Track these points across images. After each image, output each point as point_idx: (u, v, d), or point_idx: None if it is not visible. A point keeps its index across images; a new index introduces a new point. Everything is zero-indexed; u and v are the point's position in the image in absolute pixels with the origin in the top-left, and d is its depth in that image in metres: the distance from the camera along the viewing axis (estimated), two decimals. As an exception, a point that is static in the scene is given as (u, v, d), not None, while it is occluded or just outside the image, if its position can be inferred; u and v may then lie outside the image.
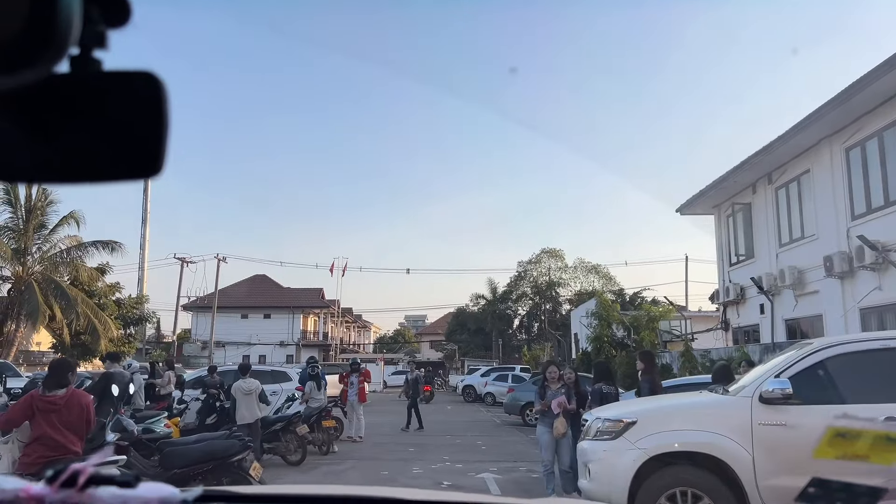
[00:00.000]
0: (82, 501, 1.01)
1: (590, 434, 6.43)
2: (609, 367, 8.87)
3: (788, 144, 16.00)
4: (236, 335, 51.16)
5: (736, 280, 19.90)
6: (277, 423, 10.61)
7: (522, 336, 58.26)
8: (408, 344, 76.95)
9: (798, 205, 16.69)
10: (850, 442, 1.79)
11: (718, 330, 21.27)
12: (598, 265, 55.96)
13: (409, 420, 16.89)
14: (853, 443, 1.79)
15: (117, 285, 35.25)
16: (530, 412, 17.86)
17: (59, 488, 1.01)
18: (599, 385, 8.22)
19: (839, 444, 1.80)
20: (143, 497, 1.05)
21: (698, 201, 21.37)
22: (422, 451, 12.99)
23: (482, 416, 22.54)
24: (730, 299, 19.95)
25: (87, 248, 29.22)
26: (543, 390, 8.34)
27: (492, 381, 29.30)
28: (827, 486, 1.53)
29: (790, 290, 16.26)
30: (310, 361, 13.57)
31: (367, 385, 14.96)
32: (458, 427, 18.14)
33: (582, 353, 25.50)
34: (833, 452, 1.79)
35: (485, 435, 16.14)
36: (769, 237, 17.93)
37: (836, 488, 1.52)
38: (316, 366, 13.13)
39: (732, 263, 20.60)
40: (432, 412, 21.96)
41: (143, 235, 42.97)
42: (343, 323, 67.24)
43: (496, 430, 17.81)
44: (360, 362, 15.55)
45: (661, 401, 7.23)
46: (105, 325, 29.75)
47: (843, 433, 1.81)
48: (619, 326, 24.07)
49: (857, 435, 1.79)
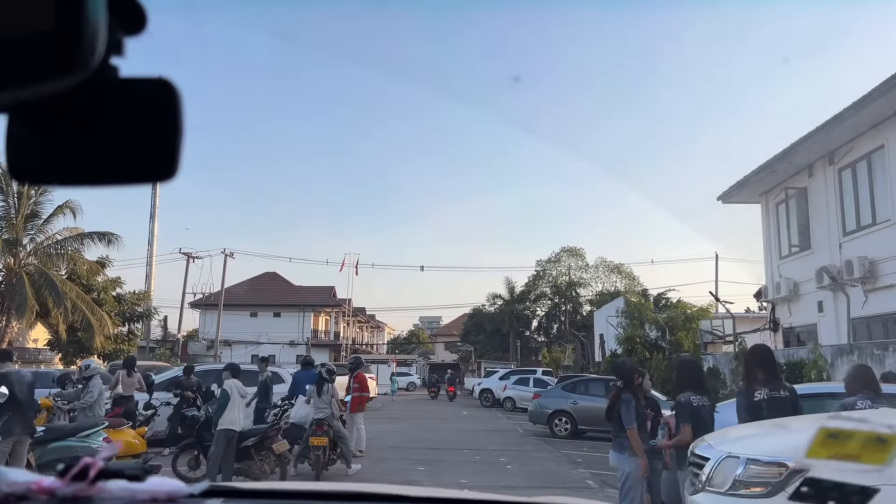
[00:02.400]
0: (92, 494, 1.04)
1: (716, 482, 4.05)
2: (699, 366, 6.29)
3: (858, 117, 13.92)
4: (245, 334, 49.55)
5: (788, 274, 17.75)
6: (250, 438, 8.65)
7: (541, 338, 56.13)
8: (422, 345, 74.96)
9: (868, 186, 14.55)
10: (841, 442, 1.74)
11: (766, 330, 19.12)
12: (620, 264, 53.68)
13: None
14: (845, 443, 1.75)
15: (118, 280, 33.63)
16: (559, 422, 15.82)
17: (69, 481, 1.04)
18: (688, 395, 5.46)
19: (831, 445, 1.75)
20: (151, 491, 1.09)
21: (743, 188, 19.27)
22: (433, 469, 10.97)
23: (503, 425, 20.34)
24: (780, 296, 17.82)
25: (82, 240, 27.57)
26: (637, 407, 5.82)
27: (511, 385, 27.14)
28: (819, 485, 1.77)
29: (859, 284, 14.13)
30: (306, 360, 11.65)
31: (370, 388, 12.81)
32: (476, 438, 16.00)
33: (611, 355, 23.42)
34: (825, 453, 1.74)
35: (508, 449, 14.05)
36: (830, 225, 15.80)
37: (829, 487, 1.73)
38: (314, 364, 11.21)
39: (783, 256, 18.46)
40: (447, 419, 19.84)
41: (150, 230, 41.52)
42: (356, 323, 65.47)
43: (521, 443, 15.63)
44: (362, 360, 13.18)
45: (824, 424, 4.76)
46: (101, 322, 28.10)
47: (835, 433, 1.76)
48: (651, 326, 22.01)
49: (849, 435, 1.76)
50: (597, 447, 14.57)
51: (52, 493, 1.04)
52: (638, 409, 5.79)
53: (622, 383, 5.98)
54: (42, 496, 1.04)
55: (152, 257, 41.58)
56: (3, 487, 1.06)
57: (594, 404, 15.65)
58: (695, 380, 5.60)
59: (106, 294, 31.88)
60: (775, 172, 17.73)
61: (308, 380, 10.49)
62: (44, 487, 1.04)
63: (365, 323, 69.43)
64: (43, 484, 1.04)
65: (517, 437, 16.47)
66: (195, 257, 40.92)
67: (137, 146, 0.82)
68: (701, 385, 5.62)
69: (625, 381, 5.98)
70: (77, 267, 29.12)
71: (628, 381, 5.97)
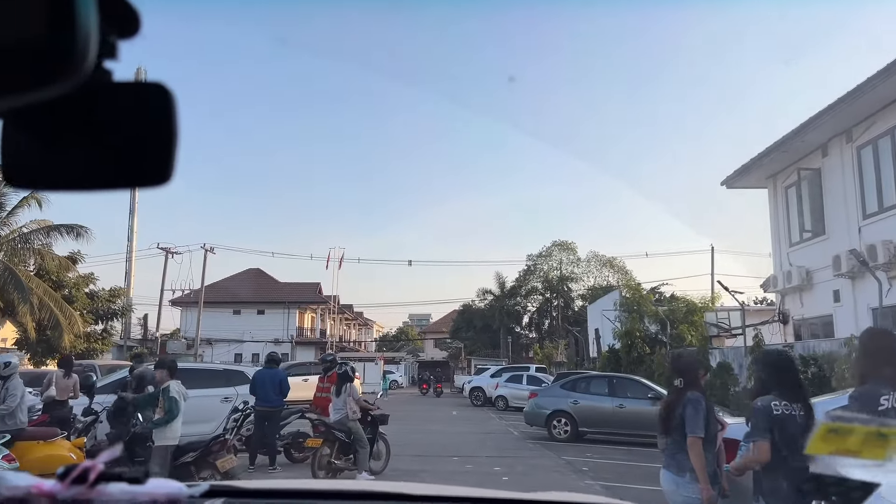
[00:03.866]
0: (93, 498, 1.05)
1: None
2: (790, 360, 4.40)
3: (878, 90, 12.77)
4: (228, 332, 48.07)
5: (799, 262, 16.59)
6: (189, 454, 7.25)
7: (532, 334, 54.96)
8: (410, 342, 73.55)
9: (892, 164, 13.38)
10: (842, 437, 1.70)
11: (774, 323, 17.97)
12: (613, 258, 52.58)
13: None
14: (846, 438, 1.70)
15: (91, 276, 32.11)
16: (558, 424, 14.48)
17: (70, 485, 1.05)
18: (768, 399, 3.83)
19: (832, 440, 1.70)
20: (151, 493, 1.11)
21: (749, 172, 18.10)
22: (419, 482, 9.51)
23: (496, 426, 18.88)
24: (791, 285, 16.64)
25: (48, 233, 26.07)
26: (707, 412, 4.41)
27: (504, 383, 25.73)
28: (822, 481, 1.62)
29: (883, 270, 12.95)
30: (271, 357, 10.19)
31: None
32: (467, 443, 14.45)
33: (608, 351, 22.20)
34: (826, 448, 1.70)
35: (504, 456, 12.63)
36: (848, 208, 14.64)
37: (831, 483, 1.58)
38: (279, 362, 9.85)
39: (793, 243, 17.29)
40: (435, 420, 18.38)
41: (130, 227, 39.98)
42: (343, 320, 64.01)
43: (517, 448, 14.01)
44: (337, 358, 10.98)
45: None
46: (71, 320, 26.62)
47: (836, 429, 1.72)
48: (651, 320, 20.83)
49: (850, 431, 1.71)
50: (602, 452, 13.41)
51: (52, 497, 1.06)
52: (708, 416, 4.40)
53: (682, 381, 4.50)
54: (42, 499, 1.06)
55: (132, 254, 40.16)
56: (3, 491, 1.07)
57: (597, 404, 14.43)
58: (784, 379, 4.02)
59: (78, 291, 30.42)
60: (787, 152, 16.56)
61: (270, 379, 9.17)
62: (44, 491, 1.06)
63: (353, 321, 67.99)
64: (43, 487, 1.07)
65: (512, 441, 15.05)
66: (174, 252, 39.40)
67: (132, 151, 0.81)
68: (792, 386, 3.99)
69: (687, 378, 4.50)
70: (45, 262, 27.68)
71: (691, 378, 4.52)
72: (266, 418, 9.74)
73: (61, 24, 0.61)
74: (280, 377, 9.69)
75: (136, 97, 0.79)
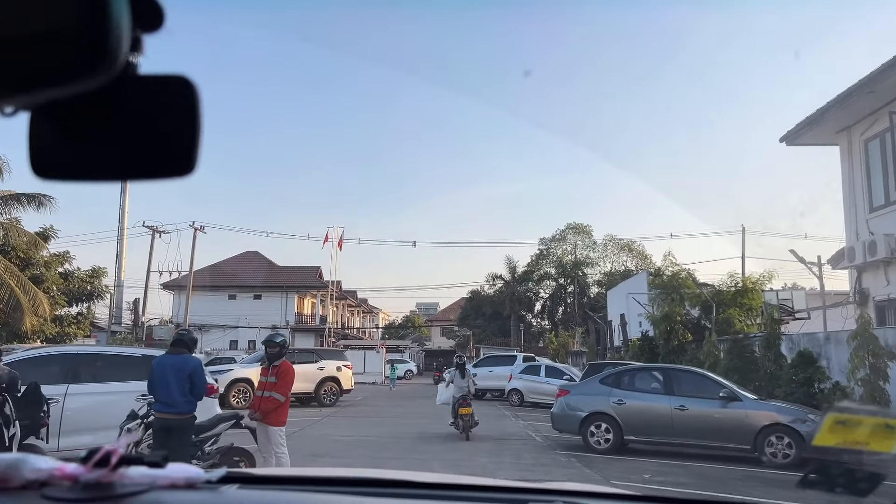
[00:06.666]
0: (114, 480, 1.05)
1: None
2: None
3: None
4: (223, 317, 45.39)
5: (886, 229, 13.55)
6: None
7: (545, 322, 52.00)
8: (416, 330, 70.64)
9: None
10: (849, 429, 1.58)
11: (849, 304, 14.95)
12: (631, 241, 49.50)
13: None
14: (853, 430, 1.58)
15: (66, 255, 29.37)
16: (597, 430, 10.84)
17: (92, 468, 1.05)
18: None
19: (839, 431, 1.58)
20: (171, 477, 1.12)
21: (818, 124, 15.07)
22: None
23: (512, 428, 15.40)
24: (875, 258, 13.62)
25: (6, 202, 23.30)
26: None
27: (518, 375, 22.67)
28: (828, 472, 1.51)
29: None
30: (178, 337, 6.86)
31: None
32: (478, 457, 10.89)
33: (641, 338, 19.19)
34: (833, 439, 1.57)
35: (526, 469, 9.60)
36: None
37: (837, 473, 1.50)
38: (190, 345, 6.68)
39: (875, 208, 14.26)
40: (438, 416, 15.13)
41: (121, 206, 37.21)
42: (346, 306, 61.22)
43: (542, 459, 10.69)
44: (286, 342, 7.84)
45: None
46: (35, 301, 23.83)
47: (843, 420, 1.61)
48: (693, 303, 17.82)
49: (857, 422, 1.60)
50: (662, 471, 9.72)
51: (75, 479, 1.06)
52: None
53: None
54: (65, 482, 1.05)
55: (123, 234, 37.48)
56: (27, 474, 1.06)
57: (650, 404, 11.07)
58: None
59: (49, 270, 27.73)
60: (868, 99, 13.52)
61: (175, 371, 6.18)
62: (67, 473, 1.06)
63: (356, 307, 65.17)
64: (66, 470, 1.06)
65: (536, 452, 11.50)
66: (161, 231, 36.61)
67: (157, 142, 0.82)
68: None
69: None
70: (10, 237, 24.96)
71: None
72: (168, 430, 6.60)
73: (93, 18, 0.62)
74: (190, 368, 6.46)
75: (160, 90, 0.79)
